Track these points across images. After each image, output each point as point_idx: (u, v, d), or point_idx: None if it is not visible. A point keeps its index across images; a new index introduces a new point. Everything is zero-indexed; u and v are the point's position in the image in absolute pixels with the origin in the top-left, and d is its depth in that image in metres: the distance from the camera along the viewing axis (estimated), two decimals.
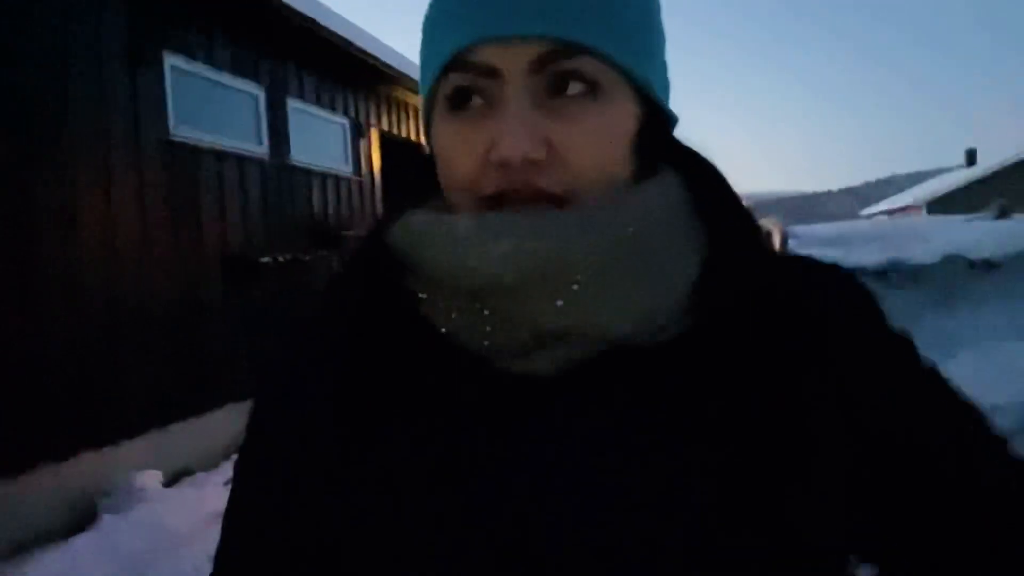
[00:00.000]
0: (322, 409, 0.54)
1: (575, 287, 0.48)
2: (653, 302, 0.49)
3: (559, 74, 0.49)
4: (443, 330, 0.52)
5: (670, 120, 0.57)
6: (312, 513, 0.53)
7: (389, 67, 7.56)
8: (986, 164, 31.36)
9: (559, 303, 0.48)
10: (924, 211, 27.88)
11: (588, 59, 0.49)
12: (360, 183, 7.76)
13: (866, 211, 37.54)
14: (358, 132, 7.76)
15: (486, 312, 0.50)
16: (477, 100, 0.51)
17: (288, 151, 6.42)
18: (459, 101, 0.51)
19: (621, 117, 0.51)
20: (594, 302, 0.48)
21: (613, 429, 0.49)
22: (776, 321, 0.51)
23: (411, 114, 9.12)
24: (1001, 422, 0.59)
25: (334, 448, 0.52)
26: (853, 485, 0.51)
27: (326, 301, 0.60)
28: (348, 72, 7.34)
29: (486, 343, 0.51)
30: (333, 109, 7.35)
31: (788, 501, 0.47)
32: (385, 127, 8.45)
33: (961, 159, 35.52)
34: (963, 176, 31.17)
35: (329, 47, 6.64)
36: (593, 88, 0.50)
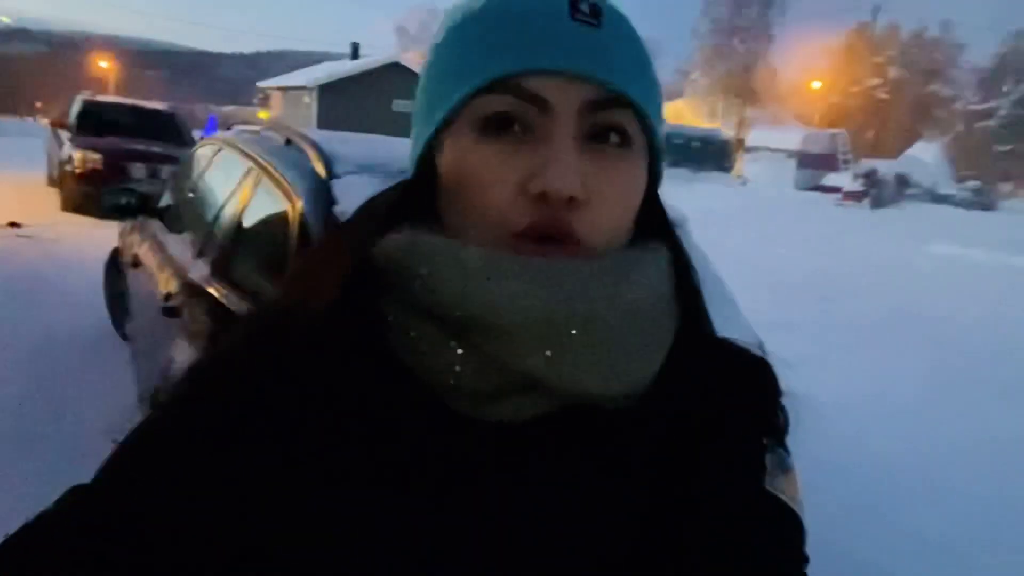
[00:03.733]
0: (265, 399, 0.50)
1: (566, 340, 0.47)
2: (637, 373, 0.50)
3: (603, 123, 0.50)
4: (402, 360, 0.51)
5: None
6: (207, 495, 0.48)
7: None
8: (367, 59, 35.06)
9: (548, 353, 0.46)
10: (316, 92, 30.00)
11: (629, 114, 0.51)
12: None
13: (263, 83, 38.11)
14: None
15: (460, 351, 0.49)
16: (516, 128, 0.49)
17: None
18: (497, 126, 0.49)
19: (641, 176, 0.53)
20: (582, 359, 0.47)
21: (566, 483, 0.50)
22: (704, 395, 0.55)
23: None
24: None
25: (264, 444, 0.49)
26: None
27: (293, 294, 0.57)
28: None
29: (452, 382, 0.49)
30: None
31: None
32: None
33: (347, 49, 38.76)
34: (349, 66, 34.26)
35: None
36: (627, 143, 0.51)
